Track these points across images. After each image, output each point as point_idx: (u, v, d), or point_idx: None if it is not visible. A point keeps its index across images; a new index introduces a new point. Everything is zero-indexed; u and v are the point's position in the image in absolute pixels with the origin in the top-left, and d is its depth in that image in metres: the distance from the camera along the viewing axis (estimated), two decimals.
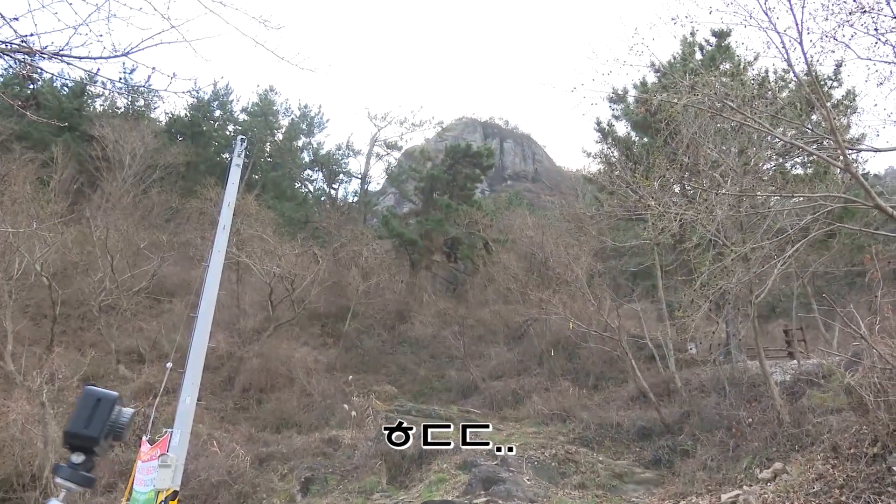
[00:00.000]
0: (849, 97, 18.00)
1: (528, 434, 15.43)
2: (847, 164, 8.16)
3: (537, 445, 14.15)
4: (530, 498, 11.34)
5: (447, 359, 23.40)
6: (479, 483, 11.94)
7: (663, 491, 11.84)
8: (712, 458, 11.92)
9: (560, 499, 11.63)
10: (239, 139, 9.96)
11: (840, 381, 9.18)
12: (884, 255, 12.54)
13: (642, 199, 10.40)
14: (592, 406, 16.92)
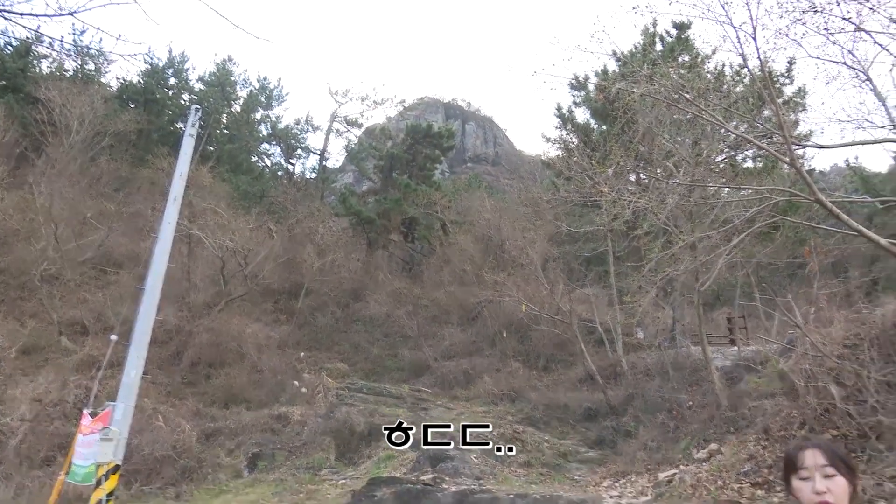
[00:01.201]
0: (799, 94, 18.57)
1: (478, 413, 15.66)
2: (793, 159, 8.45)
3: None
4: (476, 475, 11.53)
5: (400, 338, 23.46)
6: (427, 461, 12.08)
7: (605, 470, 12.20)
8: (653, 438, 12.33)
9: (505, 476, 11.86)
10: (193, 109, 9.71)
11: (775, 368, 9.60)
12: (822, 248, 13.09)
13: (597, 185, 10.56)
14: (541, 387, 17.26)
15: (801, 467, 1.91)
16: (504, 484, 11.22)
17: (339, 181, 42.97)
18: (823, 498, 1.83)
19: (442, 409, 16.57)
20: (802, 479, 1.90)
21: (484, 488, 10.51)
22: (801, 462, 1.92)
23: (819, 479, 1.87)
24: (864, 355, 7.21)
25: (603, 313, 18.34)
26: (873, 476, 5.94)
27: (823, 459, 1.89)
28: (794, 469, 1.93)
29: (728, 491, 6.95)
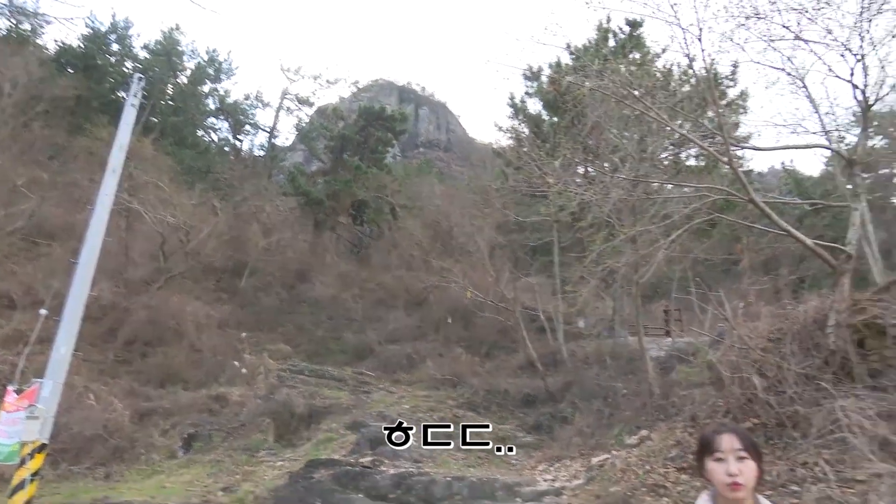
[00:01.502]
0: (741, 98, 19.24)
1: (419, 397, 15.78)
2: (730, 159, 8.78)
3: (427, 409, 14.52)
4: (415, 458, 11.65)
5: (345, 321, 23.34)
6: (366, 443, 12.13)
7: (541, 454, 12.51)
8: (588, 425, 12.70)
9: (444, 460, 12.02)
10: (136, 77, 9.34)
11: (704, 359, 10.03)
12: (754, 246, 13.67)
13: (545, 175, 10.73)
14: (483, 373, 17.49)
15: (717, 450, 2.04)
16: (442, 467, 11.38)
17: (288, 160, 42.17)
18: (735, 479, 1.96)
19: (384, 392, 16.62)
20: (717, 461, 2.03)
21: (422, 471, 10.65)
22: (718, 445, 2.04)
23: (733, 462, 2.00)
24: (786, 349, 7.60)
25: (546, 302, 18.68)
26: (787, 462, 6.31)
27: (738, 444, 2.03)
28: (710, 451, 2.06)
29: (655, 475, 7.26)
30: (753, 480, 2.01)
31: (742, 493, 1.99)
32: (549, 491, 9.17)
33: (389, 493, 9.75)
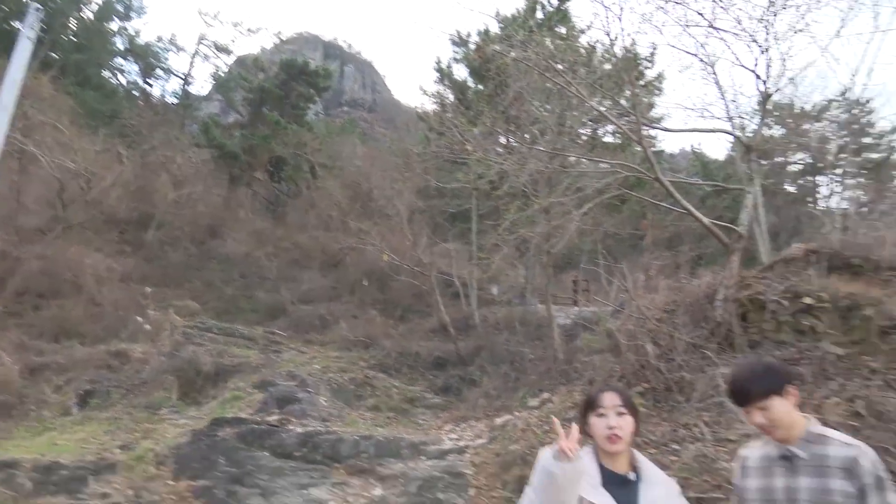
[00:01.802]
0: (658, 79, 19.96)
1: (331, 358, 15.77)
2: (641, 139, 9.15)
3: (338, 369, 14.55)
4: (324, 417, 11.71)
5: (258, 279, 22.83)
6: (274, 402, 12.05)
7: (447, 415, 12.88)
8: (495, 387, 13.16)
9: (353, 419, 12.16)
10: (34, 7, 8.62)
11: (605, 327, 10.58)
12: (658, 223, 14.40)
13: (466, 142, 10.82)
14: (396, 335, 17.67)
15: (600, 406, 2.21)
16: (350, 426, 11.50)
17: (202, 110, 40.19)
18: (614, 431, 2.14)
19: (295, 352, 16.50)
20: (599, 416, 2.20)
21: (330, 430, 10.72)
22: (601, 402, 2.22)
23: (613, 417, 2.18)
24: (679, 320, 8.15)
25: (462, 268, 18.96)
26: (671, 423, 6.82)
27: (619, 401, 2.21)
28: (593, 408, 2.23)
29: (552, 434, 7.64)
30: (630, 435, 2.19)
31: (619, 446, 2.16)
32: (453, 449, 9.48)
33: (295, 452, 9.77)
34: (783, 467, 2.16)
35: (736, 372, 2.36)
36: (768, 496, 2.16)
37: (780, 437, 2.16)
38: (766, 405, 2.14)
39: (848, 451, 2.09)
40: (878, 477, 2.03)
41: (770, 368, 2.27)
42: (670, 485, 2.20)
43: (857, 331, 7.30)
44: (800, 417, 2.21)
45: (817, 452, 2.11)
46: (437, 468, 8.16)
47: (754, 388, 2.17)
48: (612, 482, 2.14)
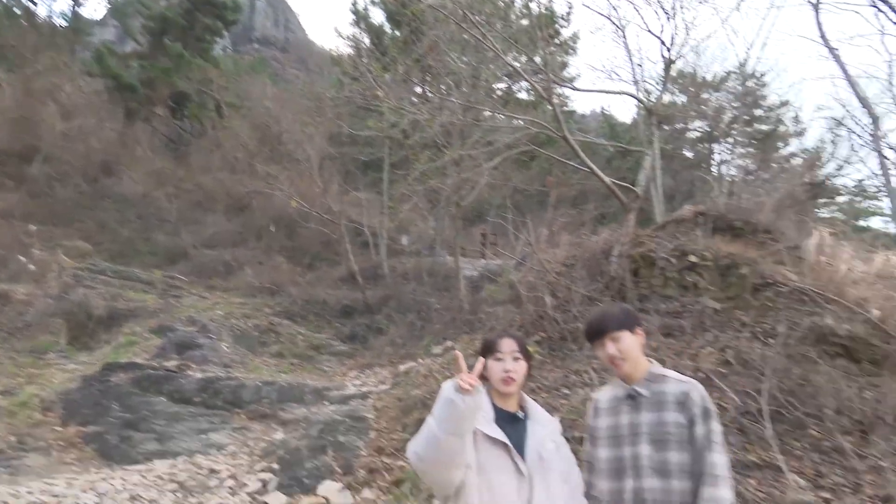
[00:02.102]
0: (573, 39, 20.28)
1: (235, 304, 15.45)
2: (550, 96, 9.33)
3: (241, 315, 14.30)
4: (226, 363, 11.54)
5: (157, 221, 21.76)
6: (173, 347, 11.74)
7: (353, 362, 13.03)
8: (401, 336, 13.41)
9: (256, 365, 12.06)
10: None
11: (507, 279, 10.95)
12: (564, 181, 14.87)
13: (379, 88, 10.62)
14: (303, 283, 17.49)
15: (498, 351, 2.35)
16: (253, 372, 11.41)
17: (96, 36, 36.95)
18: (510, 375, 2.29)
19: (196, 297, 16.01)
20: (496, 360, 2.34)
21: (231, 376, 10.60)
22: (499, 347, 2.37)
23: (510, 361, 2.33)
24: (577, 273, 8.56)
25: (372, 217, 18.88)
26: (563, 370, 7.25)
27: (515, 347, 2.37)
28: (491, 352, 2.37)
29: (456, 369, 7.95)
30: (523, 378, 2.36)
31: (513, 388, 2.33)
32: (356, 395, 9.64)
33: (194, 397, 9.63)
34: (628, 405, 2.40)
35: (595, 312, 2.61)
36: (616, 432, 2.40)
37: (626, 371, 2.41)
38: (619, 336, 2.40)
39: (681, 387, 2.34)
40: (704, 408, 2.27)
41: (624, 309, 2.57)
42: (553, 423, 2.40)
43: (733, 287, 7.96)
44: (644, 359, 2.48)
45: (657, 390, 2.37)
46: (340, 412, 8.29)
47: (610, 321, 2.44)
48: (503, 419, 2.32)
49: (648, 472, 2.24)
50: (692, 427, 2.26)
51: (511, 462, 2.17)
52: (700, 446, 2.22)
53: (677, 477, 2.21)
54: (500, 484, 2.13)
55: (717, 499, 2.11)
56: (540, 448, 2.24)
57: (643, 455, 2.27)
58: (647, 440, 2.29)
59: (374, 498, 5.77)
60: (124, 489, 6.39)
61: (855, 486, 5.10)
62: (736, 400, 6.05)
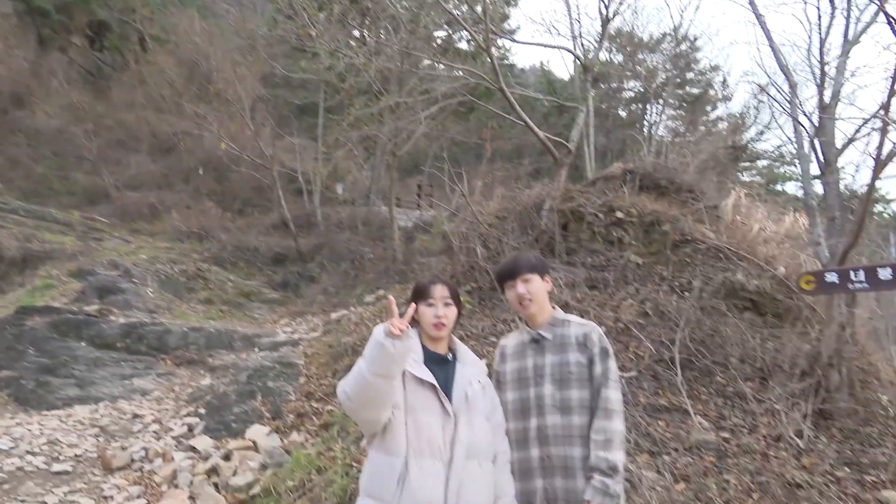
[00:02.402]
0: None
1: (160, 248, 14.95)
2: (489, 46, 9.26)
3: (168, 260, 13.88)
4: (151, 309, 11.25)
5: (75, 159, 20.54)
6: (94, 291, 11.31)
7: (285, 310, 12.94)
8: (333, 285, 13.38)
9: (183, 311, 11.80)
10: None
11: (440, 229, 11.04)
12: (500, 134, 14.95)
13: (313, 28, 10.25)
14: (234, 229, 17.07)
15: (430, 297, 2.41)
16: (180, 318, 11.18)
17: None
18: (441, 320, 2.36)
19: (119, 241, 15.38)
20: (428, 306, 2.40)
21: (157, 321, 10.36)
22: (431, 293, 2.42)
23: (441, 307, 2.39)
24: (508, 226, 8.73)
25: (306, 165, 18.47)
26: (492, 319, 7.45)
27: (446, 293, 2.43)
28: (423, 297, 2.42)
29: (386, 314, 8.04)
30: (452, 323, 2.43)
31: (443, 332, 2.41)
32: (287, 342, 9.62)
33: (117, 343, 9.37)
34: (533, 349, 2.55)
35: (510, 257, 2.73)
36: (521, 375, 2.54)
37: (532, 312, 2.55)
38: (530, 279, 2.54)
39: (582, 329, 2.51)
40: (603, 348, 2.44)
41: (537, 256, 2.71)
42: (480, 365, 2.50)
43: (655, 244, 8.32)
44: (549, 305, 2.62)
45: (559, 333, 2.52)
46: (270, 359, 8.27)
47: (524, 263, 2.58)
48: (432, 361, 2.40)
49: (551, 410, 2.40)
50: (591, 366, 2.42)
51: (438, 402, 2.26)
52: (597, 383, 2.38)
53: (577, 413, 2.37)
54: (427, 423, 2.22)
55: (610, 430, 2.28)
56: (466, 388, 2.34)
57: (546, 394, 2.42)
58: (550, 380, 2.44)
59: (303, 441, 5.86)
60: (42, 434, 6.23)
61: (752, 427, 5.56)
62: (651, 349, 6.41)
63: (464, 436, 2.22)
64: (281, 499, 4.72)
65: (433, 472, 2.15)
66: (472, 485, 2.19)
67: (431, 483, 2.13)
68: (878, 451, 5.32)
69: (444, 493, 2.14)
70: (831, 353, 5.77)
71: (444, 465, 2.17)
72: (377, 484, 2.17)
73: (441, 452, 2.18)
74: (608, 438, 2.27)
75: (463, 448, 2.21)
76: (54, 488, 5.13)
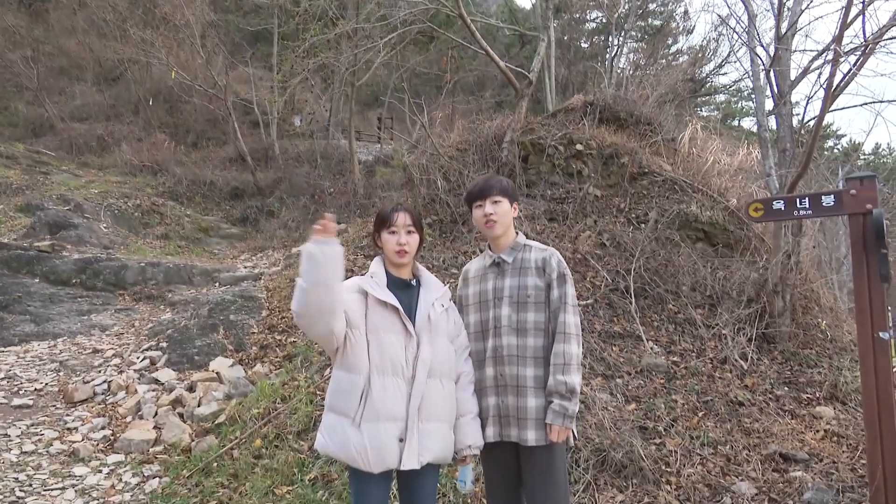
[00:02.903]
0: None
1: (112, 183, 14.46)
2: None
3: (120, 195, 13.46)
4: (105, 245, 10.98)
5: (14, 88, 19.44)
6: (44, 227, 10.96)
7: (244, 245, 12.80)
8: (293, 219, 13.23)
9: (139, 247, 11.56)
10: None
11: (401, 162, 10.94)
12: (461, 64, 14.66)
13: None
14: (188, 163, 16.58)
15: (392, 224, 2.43)
16: (136, 254, 10.96)
17: None
18: (403, 248, 2.39)
19: (68, 175, 14.81)
20: (391, 234, 2.42)
21: (113, 257, 10.13)
22: (394, 221, 2.44)
23: (403, 234, 2.42)
24: (469, 158, 8.70)
25: (263, 95, 17.87)
26: (453, 251, 7.54)
27: (409, 221, 2.45)
28: (386, 225, 2.44)
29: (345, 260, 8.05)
30: (414, 249, 2.46)
31: (406, 259, 2.45)
32: (247, 276, 9.58)
33: (73, 279, 9.17)
34: (493, 272, 2.63)
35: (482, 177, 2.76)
36: (483, 297, 2.62)
37: (497, 232, 2.61)
38: (499, 200, 2.58)
39: (542, 254, 2.58)
40: (561, 273, 2.52)
41: (508, 181, 2.72)
42: (443, 289, 2.56)
43: (613, 176, 8.44)
44: (513, 231, 2.69)
45: (520, 257, 2.60)
46: (231, 293, 8.24)
47: (495, 184, 2.62)
48: (396, 285, 2.46)
49: (507, 331, 2.48)
50: (549, 290, 2.50)
51: (400, 323, 2.34)
52: (555, 307, 2.47)
53: (532, 335, 2.46)
54: (389, 343, 2.30)
55: (567, 353, 2.38)
56: (429, 310, 2.41)
57: (503, 315, 2.50)
58: (508, 303, 2.51)
59: (266, 372, 5.94)
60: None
61: (700, 351, 5.87)
62: (608, 279, 6.62)
63: (426, 355, 2.31)
64: (246, 426, 4.82)
65: (395, 389, 2.25)
66: (432, 401, 2.31)
67: (393, 399, 2.24)
68: (814, 371, 5.69)
69: (405, 408, 2.25)
70: (777, 280, 6.05)
71: (405, 382, 2.28)
72: (341, 400, 2.27)
73: (403, 370, 2.28)
74: (567, 362, 2.36)
75: (425, 367, 2.30)
76: (16, 421, 5.13)
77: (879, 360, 3.42)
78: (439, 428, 2.33)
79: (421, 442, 2.25)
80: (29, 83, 18.81)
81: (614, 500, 3.72)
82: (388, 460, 2.20)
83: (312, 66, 10.89)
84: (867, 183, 3.39)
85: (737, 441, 4.42)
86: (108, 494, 4.05)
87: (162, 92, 19.42)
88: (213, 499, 3.97)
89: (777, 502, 3.75)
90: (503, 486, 2.54)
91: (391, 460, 2.21)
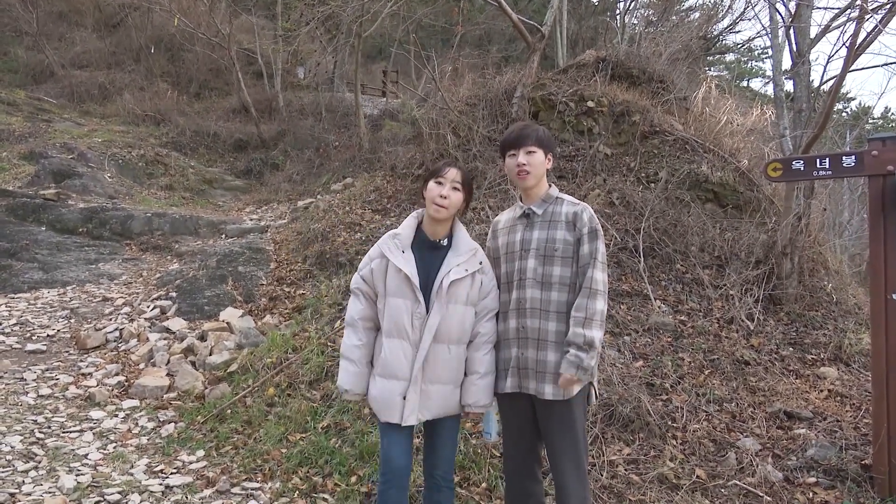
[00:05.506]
0: None
1: (115, 132, 14.33)
2: None
3: (124, 144, 13.36)
4: (110, 195, 10.95)
5: (13, 33, 19.09)
6: (49, 175, 10.92)
7: (249, 197, 12.76)
8: (298, 172, 13.15)
9: (144, 197, 11.54)
10: None
11: (409, 115, 10.80)
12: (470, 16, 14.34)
13: None
14: (191, 113, 16.41)
15: (441, 176, 2.43)
16: (142, 204, 10.95)
17: None
18: (443, 202, 2.40)
19: (70, 123, 14.68)
20: (437, 183, 2.43)
21: (118, 206, 10.12)
22: (444, 173, 2.45)
23: (448, 188, 2.42)
24: (479, 113, 8.60)
25: (267, 46, 17.53)
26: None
27: (458, 177, 2.47)
28: (434, 176, 2.45)
29: (353, 215, 8.04)
30: (455, 208, 2.47)
31: (443, 214, 2.46)
32: (254, 228, 9.59)
33: (79, 227, 9.20)
34: (523, 224, 2.60)
35: (517, 125, 2.72)
36: (510, 249, 2.60)
37: (529, 183, 2.58)
38: (534, 150, 2.54)
39: (574, 208, 2.55)
40: (592, 229, 2.49)
41: (545, 131, 2.67)
42: (471, 253, 2.53)
43: (624, 134, 8.34)
44: (546, 182, 2.65)
45: (550, 210, 2.57)
46: (238, 245, 8.25)
47: (531, 133, 2.57)
48: (424, 245, 2.50)
49: (532, 284, 2.48)
50: (579, 245, 2.48)
51: (411, 289, 2.42)
52: (584, 263, 2.45)
53: (557, 289, 2.45)
54: (396, 307, 2.41)
55: (592, 308, 2.37)
56: (447, 277, 2.43)
57: (529, 268, 2.49)
58: (535, 255, 2.50)
59: (276, 323, 5.99)
60: (10, 315, 6.23)
61: (707, 311, 5.91)
62: (617, 237, 6.61)
63: (434, 322, 2.40)
64: (259, 375, 4.89)
65: (401, 350, 2.41)
66: (437, 364, 2.43)
67: (398, 359, 2.41)
68: (819, 332, 5.74)
69: (409, 369, 2.40)
70: (786, 242, 6.05)
71: (411, 345, 2.42)
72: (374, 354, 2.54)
73: (409, 334, 2.41)
74: (589, 317, 2.36)
75: (431, 333, 2.40)
76: (31, 366, 5.20)
77: (891, 321, 3.45)
78: (441, 389, 2.45)
79: (421, 401, 2.41)
80: (28, 28, 18.45)
81: (621, 453, 3.81)
82: (392, 414, 2.40)
83: (319, 16, 10.64)
84: (889, 144, 3.36)
85: (742, 399, 4.50)
86: (125, 437, 4.14)
87: (164, 40, 19.06)
88: (228, 444, 4.07)
89: (781, 458, 3.84)
90: (518, 435, 2.59)
91: (394, 414, 2.40)
